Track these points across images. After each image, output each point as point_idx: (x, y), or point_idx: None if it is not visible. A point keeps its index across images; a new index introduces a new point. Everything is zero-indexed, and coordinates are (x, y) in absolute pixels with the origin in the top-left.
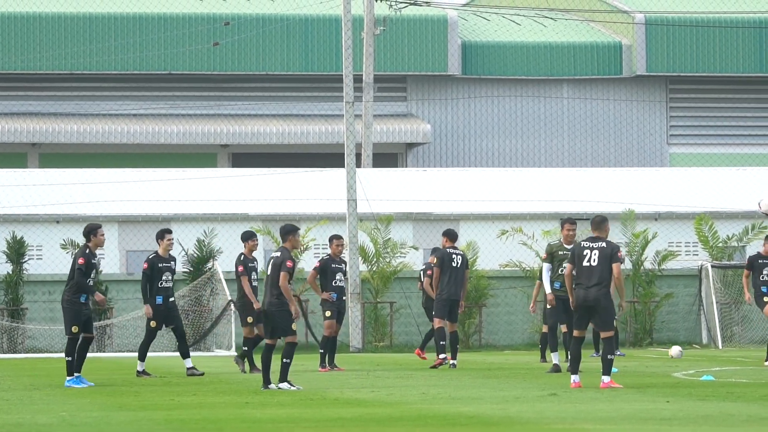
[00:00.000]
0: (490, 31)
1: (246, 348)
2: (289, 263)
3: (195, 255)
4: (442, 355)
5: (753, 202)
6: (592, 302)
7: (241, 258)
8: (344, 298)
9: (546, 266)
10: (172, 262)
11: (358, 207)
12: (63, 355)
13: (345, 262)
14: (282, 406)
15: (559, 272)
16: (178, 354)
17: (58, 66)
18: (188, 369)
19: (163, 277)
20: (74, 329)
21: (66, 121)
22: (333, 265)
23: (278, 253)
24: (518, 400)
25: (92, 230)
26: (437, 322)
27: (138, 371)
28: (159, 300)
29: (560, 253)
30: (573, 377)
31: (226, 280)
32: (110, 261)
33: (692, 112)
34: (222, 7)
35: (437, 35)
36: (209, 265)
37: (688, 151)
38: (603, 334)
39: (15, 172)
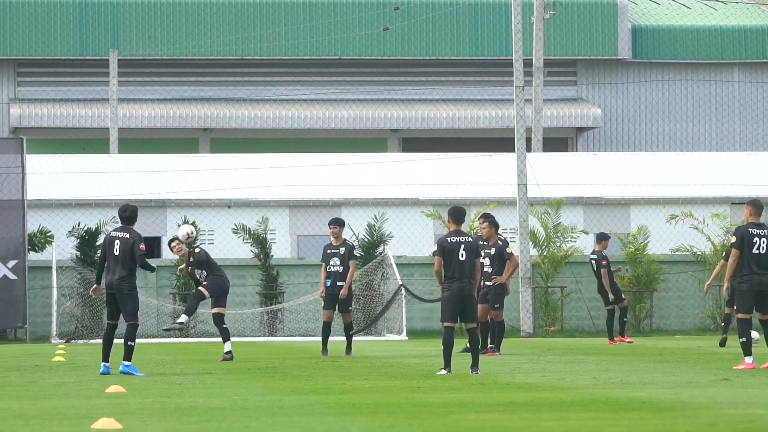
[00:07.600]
0: (660, 15)
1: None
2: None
3: (366, 239)
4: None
5: None
6: (766, 288)
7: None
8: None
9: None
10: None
11: (528, 191)
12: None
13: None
14: (453, 391)
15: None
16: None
17: (229, 52)
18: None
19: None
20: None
21: (237, 106)
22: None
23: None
24: (690, 384)
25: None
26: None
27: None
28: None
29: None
30: (747, 359)
31: (396, 264)
32: (281, 246)
33: None
34: None
35: (607, 19)
36: (380, 249)
37: None
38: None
39: (187, 157)
